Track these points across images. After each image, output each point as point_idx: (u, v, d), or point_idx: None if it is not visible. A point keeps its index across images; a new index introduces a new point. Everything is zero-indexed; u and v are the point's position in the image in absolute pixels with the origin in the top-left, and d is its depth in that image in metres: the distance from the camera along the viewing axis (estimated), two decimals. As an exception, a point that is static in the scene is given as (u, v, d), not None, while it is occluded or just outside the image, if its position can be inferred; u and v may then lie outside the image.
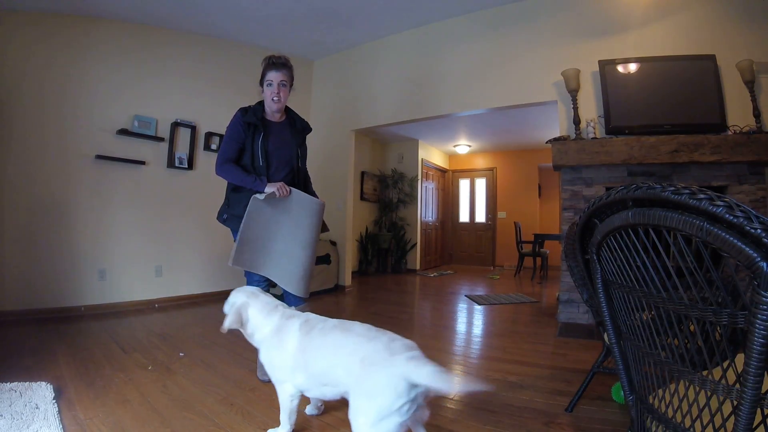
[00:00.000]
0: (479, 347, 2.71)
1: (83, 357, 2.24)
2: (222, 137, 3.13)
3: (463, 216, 8.63)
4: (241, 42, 4.33)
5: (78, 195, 3.35)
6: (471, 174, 8.55)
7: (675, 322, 0.70)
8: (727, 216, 0.53)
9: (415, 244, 6.97)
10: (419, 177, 7.11)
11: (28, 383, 1.77)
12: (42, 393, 1.67)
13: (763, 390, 0.56)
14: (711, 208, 0.54)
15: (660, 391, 0.79)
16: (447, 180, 8.64)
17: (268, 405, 1.71)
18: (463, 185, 8.66)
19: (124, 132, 3.52)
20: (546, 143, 3.16)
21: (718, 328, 0.65)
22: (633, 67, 2.88)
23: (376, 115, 4.49)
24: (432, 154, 7.80)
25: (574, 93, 3.01)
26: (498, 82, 3.61)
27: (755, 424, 0.58)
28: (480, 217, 8.41)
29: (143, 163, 3.67)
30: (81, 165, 3.37)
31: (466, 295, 4.61)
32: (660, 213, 0.63)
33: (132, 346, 2.48)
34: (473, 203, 8.52)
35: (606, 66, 2.92)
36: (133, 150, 3.62)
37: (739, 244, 0.52)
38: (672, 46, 2.84)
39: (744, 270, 0.54)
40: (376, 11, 3.82)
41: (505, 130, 6.38)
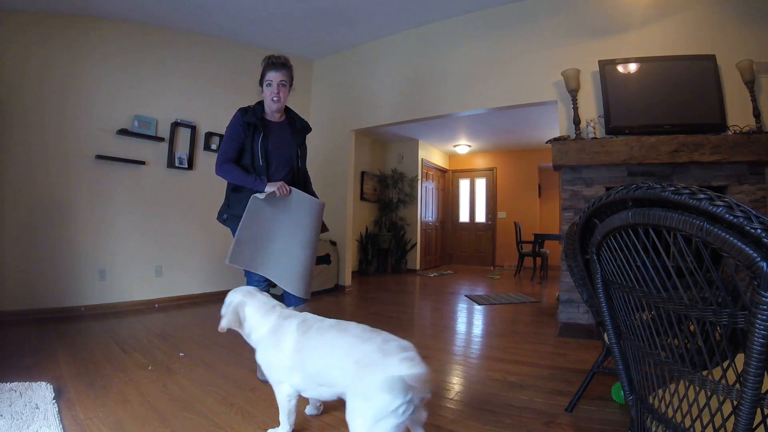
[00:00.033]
0: (479, 347, 2.71)
1: (83, 357, 2.24)
2: (222, 137, 3.14)
3: (463, 216, 8.63)
4: (241, 42, 4.33)
5: (78, 195, 3.35)
6: (471, 174, 8.55)
7: (675, 322, 0.70)
8: (727, 216, 0.53)
9: (415, 244, 6.97)
10: (419, 177, 7.11)
11: (28, 383, 1.77)
12: (42, 393, 1.67)
13: (763, 390, 0.56)
14: (711, 208, 0.54)
15: (660, 391, 0.79)
16: (447, 180, 8.64)
17: (268, 405, 1.70)
18: (463, 185, 8.66)
19: (124, 132, 3.52)
20: (546, 143, 3.16)
21: (718, 328, 0.65)
22: (633, 67, 2.88)
23: (376, 115, 4.49)
24: (432, 154, 7.80)
25: (574, 93, 3.01)
26: (498, 82, 3.61)
27: (755, 424, 0.58)
28: (480, 217, 8.41)
29: (143, 163, 3.67)
30: (81, 165, 3.37)
31: (466, 295, 4.61)
32: (660, 213, 0.63)
33: (132, 346, 2.48)
34: (473, 203, 8.52)
35: (606, 66, 2.92)
36: (133, 150, 3.62)
37: (739, 244, 0.52)
38: (672, 46, 2.84)
39: (744, 270, 0.54)
40: (376, 11, 3.82)
41: (505, 130, 6.38)
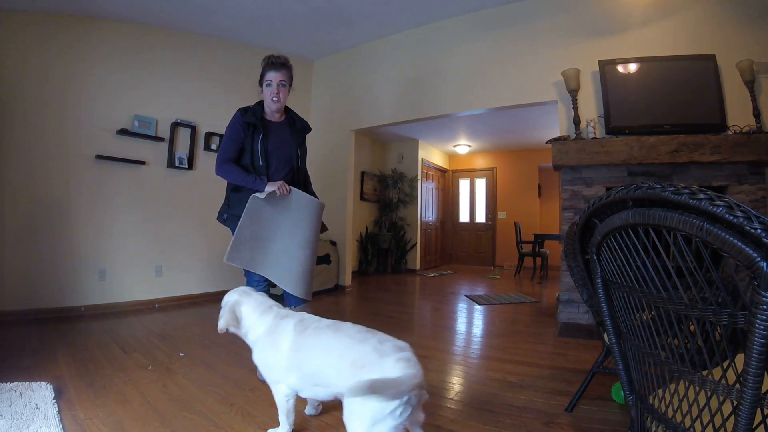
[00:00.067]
0: (479, 347, 2.71)
1: (83, 357, 2.24)
2: (222, 137, 3.14)
3: (463, 216, 8.63)
4: (241, 42, 4.33)
5: (78, 195, 3.35)
6: (471, 174, 8.55)
7: (675, 322, 0.70)
8: (727, 216, 0.53)
9: (415, 244, 6.97)
10: (419, 177, 7.11)
11: (28, 383, 1.77)
12: (42, 393, 1.67)
13: (763, 390, 0.56)
14: (711, 208, 0.54)
15: (660, 391, 0.79)
16: (447, 180, 8.64)
17: (268, 405, 1.70)
18: (463, 185, 8.66)
19: (124, 132, 3.52)
20: (546, 143, 3.16)
21: (718, 328, 0.65)
22: (633, 67, 2.88)
23: (376, 115, 4.48)
24: (432, 154, 7.80)
25: (574, 93, 3.01)
26: (498, 82, 3.61)
27: (755, 424, 0.58)
28: (480, 217, 8.41)
29: (143, 163, 3.67)
30: (81, 165, 3.37)
31: (466, 295, 4.61)
32: (660, 213, 0.63)
33: (132, 346, 2.48)
34: (473, 203, 8.52)
35: (606, 66, 2.92)
36: (133, 150, 3.62)
37: (739, 244, 0.52)
38: (672, 46, 2.84)
39: (744, 270, 0.54)
40: (376, 11, 3.82)
41: (505, 130, 6.38)
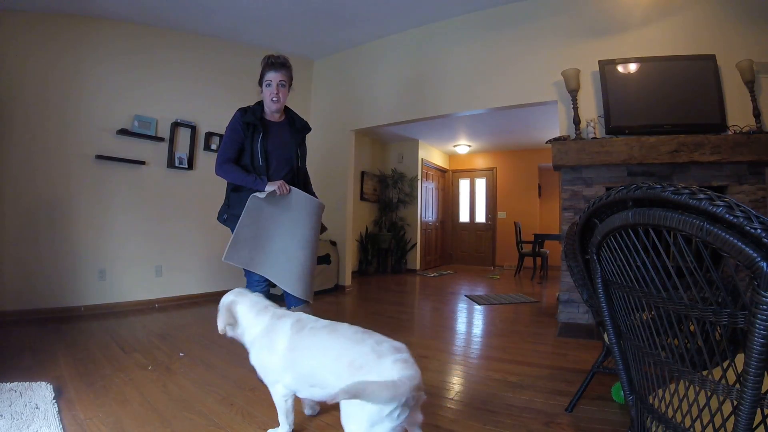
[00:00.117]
0: (479, 347, 2.71)
1: (83, 357, 2.24)
2: (222, 137, 3.14)
3: (463, 216, 8.63)
4: (241, 42, 4.33)
5: (78, 195, 3.35)
6: (471, 174, 8.55)
7: (675, 322, 0.70)
8: (727, 216, 0.53)
9: (415, 244, 6.97)
10: (419, 177, 7.11)
11: (28, 383, 1.77)
12: (42, 393, 1.67)
13: (763, 390, 0.56)
14: (711, 208, 0.54)
15: (660, 391, 0.79)
16: (447, 180, 8.64)
17: (268, 405, 1.70)
18: (463, 185, 8.66)
19: (124, 132, 3.52)
20: (546, 143, 3.16)
21: (718, 328, 0.65)
22: (633, 67, 2.88)
23: (376, 115, 4.48)
24: (432, 154, 7.80)
25: (574, 93, 3.01)
26: (498, 82, 3.61)
27: (755, 424, 0.58)
28: (480, 217, 8.41)
29: (143, 163, 3.67)
30: (81, 165, 3.37)
31: (466, 295, 4.61)
32: (660, 213, 0.63)
33: (132, 346, 2.48)
34: (473, 203, 8.52)
35: (606, 66, 2.92)
36: (133, 150, 3.62)
37: (739, 244, 0.52)
38: (672, 46, 2.84)
39: (744, 270, 0.54)
40: (376, 11, 3.82)
41: (505, 130, 6.38)
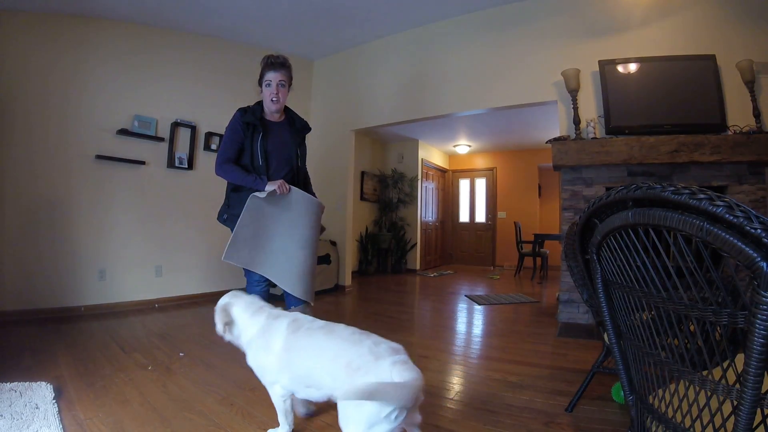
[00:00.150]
0: (479, 347, 2.71)
1: (83, 357, 2.24)
2: (222, 137, 3.14)
3: (463, 216, 8.63)
4: (241, 42, 4.33)
5: (78, 195, 3.35)
6: (471, 174, 8.55)
7: (675, 322, 0.70)
8: (727, 216, 0.53)
9: (415, 244, 6.96)
10: (419, 177, 7.11)
11: (28, 383, 1.77)
12: (42, 393, 1.67)
13: (763, 390, 0.56)
14: (711, 208, 0.54)
15: (660, 391, 0.79)
16: (447, 180, 8.64)
17: (268, 405, 1.70)
18: (463, 185, 8.66)
19: (124, 132, 3.52)
20: (546, 143, 3.16)
21: (718, 328, 0.65)
22: (633, 67, 2.88)
23: (376, 115, 4.48)
24: (432, 154, 7.79)
25: (574, 93, 3.01)
26: (498, 82, 3.61)
27: (755, 424, 0.58)
28: (480, 217, 8.41)
29: (143, 163, 3.67)
30: (81, 165, 3.37)
31: (466, 295, 4.61)
32: (660, 213, 0.63)
33: (132, 346, 2.48)
34: (473, 203, 8.52)
35: (606, 66, 2.92)
36: (133, 150, 3.62)
37: (739, 244, 0.52)
38: (672, 46, 2.84)
39: (744, 270, 0.54)
40: (376, 11, 3.82)
41: (505, 130, 6.38)
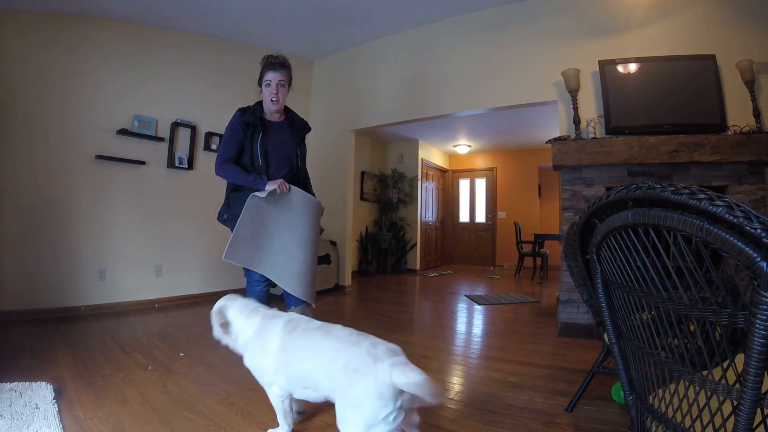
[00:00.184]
0: (479, 347, 2.71)
1: (83, 357, 2.24)
2: (222, 137, 3.15)
3: (463, 216, 8.63)
4: (241, 42, 4.33)
5: (78, 195, 3.35)
6: (471, 174, 8.55)
7: (675, 322, 0.70)
8: (727, 216, 0.53)
9: (415, 244, 6.96)
10: (419, 177, 7.11)
11: (28, 383, 1.77)
12: (42, 393, 1.67)
13: (763, 390, 0.56)
14: (711, 208, 0.54)
15: (660, 391, 0.79)
16: (447, 180, 8.64)
17: (268, 405, 1.69)
18: (463, 185, 8.66)
19: (124, 132, 3.52)
20: (546, 143, 3.16)
21: (718, 328, 0.65)
22: (633, 67, 2.88)
23: (376, 115, 4.48)
24: (432, 154, 7.79)
25: (574, 93, 3.01)
26: (498, 82, 3.61)
27: (755, 424, 0.58)
28: (480, 217, 8.41)
29: (143, 163, 3.67)
30: (81, 165, 3.37)
31: (466, 295, 4.61)
32: (660, 213, 0.63)
33: (132, 346, 2.48)
34: (473, 203, 8.52)
35: (606, 66, 2.92)
36: (133, 150, 3.62)
37: (739, 244, 0.52)
38: (672, 46, 2.84)
39: (744, 270, 0.54)
40: (376, 11, 3.82)
41: (505, 130, 6.38)
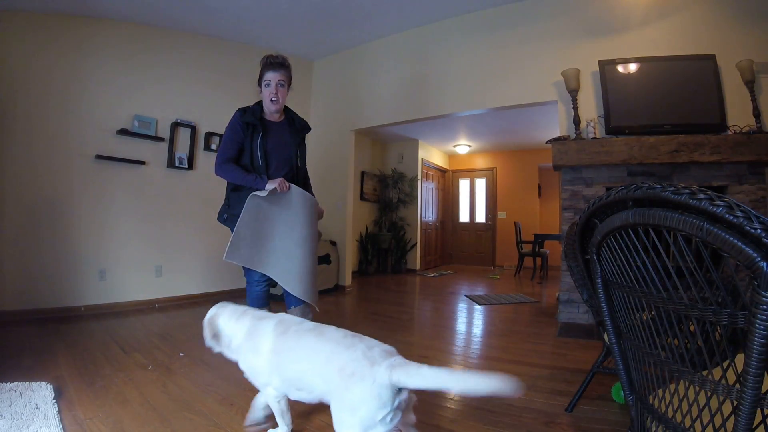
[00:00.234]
0: (479, 347, 2.71)
1: (83, 357, 2.24)
2: (222, 137, 3.15)
3: (463, 216, 8.63)
4: (241, 42, 4.33)
5: (78, 195, 3.35)
6: (471, 174, 8.55)
7: (675, 322, 0.70)
8: (727, 216, 0.53)
9: (415, 244, 6.96)
10: (419, 177, 7.11)
11: (28, 383, 1.77)
12: (42, 393, 1.67)
13: (763, 390, 0.56)
14: (711, 208, 0.54)
15: (660, 391, 0.79)
16: (447, 180, 8.64)
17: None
18: (463, 185, 8.66)
19: (124, 132, 3.52)
20: (546, 143, 3.16)
21: (718, 328, 0.65)
22: (633, 67, 2.88)
23: (376, 115, 4.48)
24: (432, 154, 7.79)
25: (574, 93, 3.01)
26: (498, 82, 3.61)
27: (755, 424, 0.58)
28: (480, 217, 8.41)
29: (143, 163, 3.67)
30: (81, 165, 3.36)
31: (466, 295, 4.61)
32: (660, 213, 0.63)
33: (132, 346, 2.48)
34: (473, 203, 8.52)
35: (606, 66, 2.92)
36: (133, 150, 3.62)
37: (739, 244, 0.52)
38: (672, 46, 2.84)
39: (744, 270, 0.54)
40: (376, 11, 3.82)
41: (505, 130, 6.38)
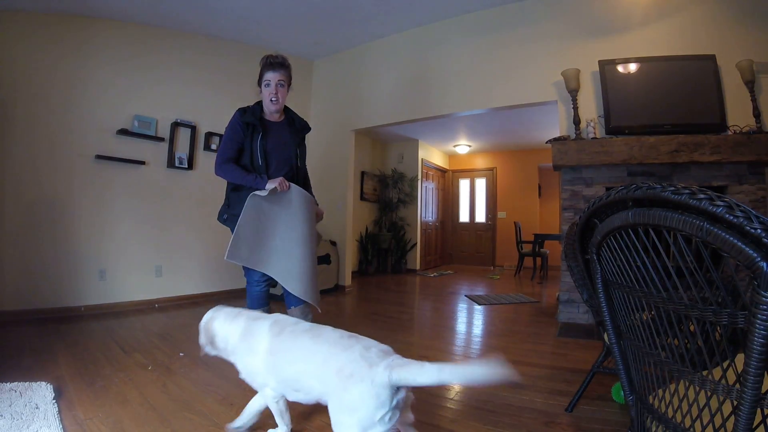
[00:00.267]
0: (479, 347, 2.71)
1: (83, 357, 2.24)
2: (222, 137, 3.15)
3: (463, 216, 8.63)
4: (241, 42, 4.33)
5: (78, 195, 3.35)
6: (471, 174, 8.55)
7: (675, 322, 0.70)
8: (727, 216, 0.53)
9: (415, 244, 6.96)
10: (419, 177, 7.11)
11: (28, 383, 1.77)
12: (42, 393, 1.67)
13: (763, 390, 0.56)
14: (711, 208, 0.54)
15: (660, 391, 0.79)
16: (447, 180, 8.64)
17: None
18: (463, 185, 8.66)
19: (124, 132, 3.52)
20: (546, 143, 3.16)
21: (718, 328, 0.65)
22: (633, 67, 2.88)
23: (376, 115, 4.48)
24: (432, 154, 7.79)
25: (574, 93, 3.01)
26: (498, 82, 3.61)
27: (755, 424, 0.58)
28: (480, 217, 8.41)
29: (143, 163, 3.67)
30: (81, 165, 3.36)
31: (466, 295, 4.61)
32: (660, 213, 0.63)
33: (132, 346, 2.48)
34: (473, 203, 8.52)
35: (606, 66, 2.92)
36: (133, 150, 3.62)
37: (739, 244, 0.52)
38: (672, 46, 2.84)
39: (744, 270, 0.54)
40: (376, 11, 3.82)
41: (505, 130, 6.38)
